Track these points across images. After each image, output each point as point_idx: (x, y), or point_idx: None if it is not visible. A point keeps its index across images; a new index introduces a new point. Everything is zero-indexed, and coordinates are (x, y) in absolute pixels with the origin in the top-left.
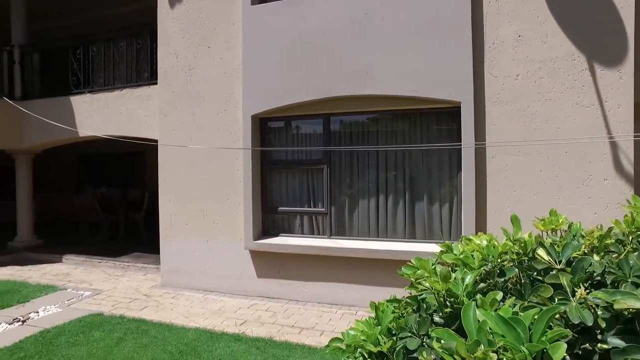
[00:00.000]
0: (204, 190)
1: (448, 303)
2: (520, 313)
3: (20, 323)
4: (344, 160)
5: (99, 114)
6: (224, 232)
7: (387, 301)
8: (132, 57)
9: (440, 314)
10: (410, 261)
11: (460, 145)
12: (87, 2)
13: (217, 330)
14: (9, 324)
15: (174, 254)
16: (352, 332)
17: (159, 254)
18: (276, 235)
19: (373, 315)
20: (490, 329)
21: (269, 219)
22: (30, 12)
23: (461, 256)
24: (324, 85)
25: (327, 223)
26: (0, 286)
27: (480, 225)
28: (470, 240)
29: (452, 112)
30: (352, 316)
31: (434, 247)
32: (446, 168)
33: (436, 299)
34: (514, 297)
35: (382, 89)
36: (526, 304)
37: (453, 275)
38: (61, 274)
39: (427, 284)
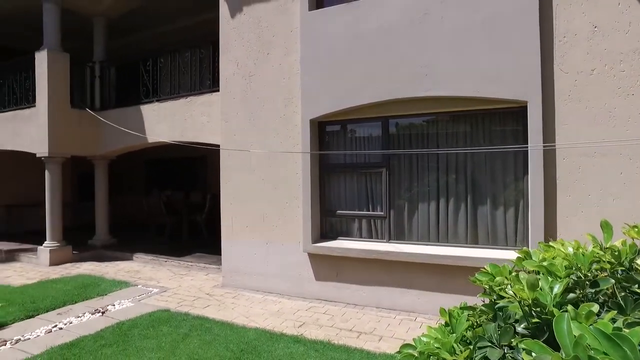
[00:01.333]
0: (264, 194)
1: (534, 313)
2: (624, 329)
3: (100, 314)
4: (403, 163)
5: (165, 121)
6: (283, 235)
7: (460, 308)
8: (195, 66)
9: (525, 325)
10: (484, 267)
11: (527, 147)
12: (156, 18)
13: (276, 331)
14: (92, 314)
15: (234, 255)
16: (424, 339)
17: (219, 254)
18: (334, 238)
19: (435, 321)
20: (588, 344)
21: (327, 222)
22: (108, 31)
23: (545, 263)
24: (382, 87)
25: (386, 227)
26: (83, 280)
27: (550, 231)
28: (549, 246)
29: (517, 112)
30: (411, 322)
31: (498, 253)
32: (511, 170)
33: (521, 308)
34: (615, 312)
35: (442, 90)
36: (630, 319)
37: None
38: (132, 271)
39: (510, 292)
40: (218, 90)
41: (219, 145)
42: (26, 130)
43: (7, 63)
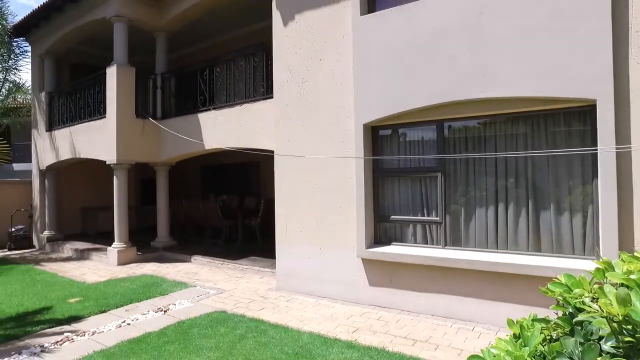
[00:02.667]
0: (318, 199)
1: (625, 331)
2: None
3: (162, 312)
4: (459, 167)
5: (221, 128)
6: (336, 240)
7: (533, 320)
8: (250, 74)
9: (614, 343)
10: (556, 278)
11: (597, 149)
12: (212, 30)
13: (330, 335)
14: (155, 312)
15: (288, 259)
16: (494, 351)
17: (273, 258)
18: (388, 243)
19: (495, 332)
20: None
21: (381, 228)
22: (168, 44)
23: (634, 276)
24: (436, 90)
25: (442, 232)
26: (147, 279)
27: (626, 241)
28: (635, 257)
29: (584, 112)
30: (468, 331)
31: (563, 262)
32: (577, 174)
33: (609, 325)
34: None
35: (500, 90)
36: None
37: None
38: (191, 273)
39: (595, 306)
40: (272, 97)
41: (273, 151)
42: (98, 140)
43: (83, 79)
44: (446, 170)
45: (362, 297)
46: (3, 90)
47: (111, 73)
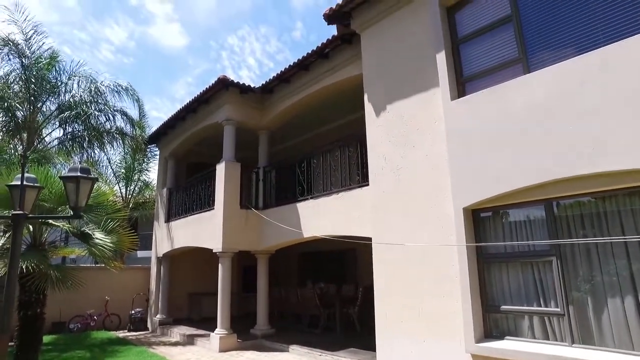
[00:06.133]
0: (418, 287)
1: None
2: None
3: None
4: (577, 249)
5: (319, 217)
6: (441, 332)
7: None
8: (345, 163)
9: None
10: None
11: None
12: (308, 125)
13: None
14: None
15: (390, 353)
16: None
17: (373, 350)
18: (500, 338)
19: None
20: None
21: (491, 319)
22: (270, 141)
23: None
24: (539, 168)
25: (566, 326)
26: None
27: None
28: None
29: None
30: None
31: None
32: None
33: None
34: None
35: (615, 163)
36: None
37: None
38: None
39: None
40: (367, 185)
41: (370, 239)
42: (206, 229)
43: (196, 176)
44: (562, 252)
45: None
46: (136, 188)
47: (220, 169)
